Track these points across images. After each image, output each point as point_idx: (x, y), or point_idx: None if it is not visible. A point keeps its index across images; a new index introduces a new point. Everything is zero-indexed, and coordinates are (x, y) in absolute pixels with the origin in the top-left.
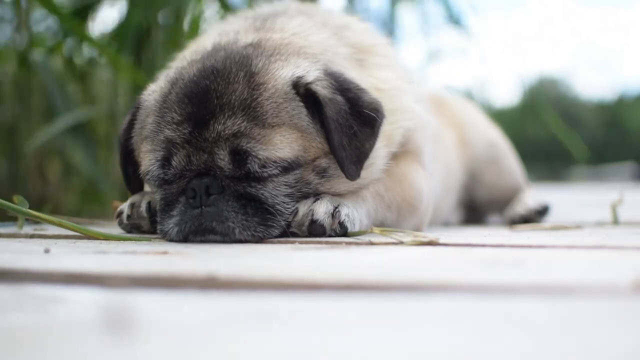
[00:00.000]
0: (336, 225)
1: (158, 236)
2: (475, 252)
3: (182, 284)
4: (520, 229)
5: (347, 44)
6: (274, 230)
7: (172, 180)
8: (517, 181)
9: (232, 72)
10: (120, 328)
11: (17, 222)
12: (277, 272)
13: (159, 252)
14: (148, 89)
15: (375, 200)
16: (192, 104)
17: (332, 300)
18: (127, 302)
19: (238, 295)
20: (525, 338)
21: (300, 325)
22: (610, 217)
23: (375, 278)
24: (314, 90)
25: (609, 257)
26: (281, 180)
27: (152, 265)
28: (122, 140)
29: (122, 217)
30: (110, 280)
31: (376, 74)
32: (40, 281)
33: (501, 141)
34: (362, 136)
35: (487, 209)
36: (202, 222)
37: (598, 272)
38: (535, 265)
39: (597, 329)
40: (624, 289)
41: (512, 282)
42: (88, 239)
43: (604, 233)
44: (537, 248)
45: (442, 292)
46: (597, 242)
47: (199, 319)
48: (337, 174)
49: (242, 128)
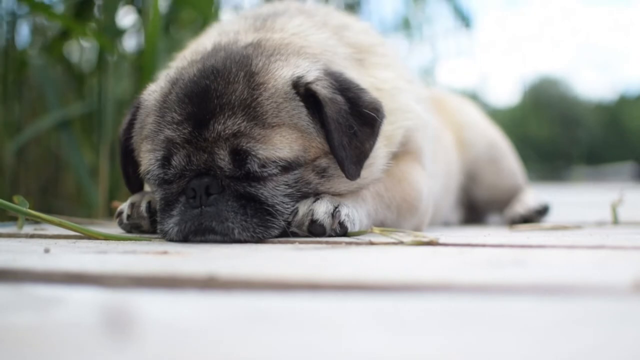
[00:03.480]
0: (336, 225)
1: (158, 236)
2: (475, 252)
3: (182, 284)
4: (520, 229)
5: (347, 43)
6: (274, 231)
7: (172, 180)
8: (517, 181)
9: (232, 72)
10: (120, 328)
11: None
12: (277, 272)
13: (159, 252)
14: (148, 89)
15: (375, 200)
16: (192, 104)
17: (332, 300)
18: (127, 302)
19: (238, 295)
20: (525, 338)
21: (300, 325)
22: (610, 217)
23: (375, 278)
24: (314, 90)
25: (609, 257)
26: (281, 180)
27: (152, 265)
28: (122, 139)
29: (122, 217)
30: (110, 280)
31: (376, 74)
32: (40, 281)
33: (501, 141)
34: (362, 136)
35: (487, 208)
36: (202, 222)
37: (598, 272)
38: (535, 265)
39: (597, 329)
40: (624, 289)
41: (512, 282)
42: (88, 238)
43: (604, 233)
44: (537, 248)
45: (442, 292)
46: (597, 242)
47: (199, 319)
48: (337, 174)
49: (242, 128)
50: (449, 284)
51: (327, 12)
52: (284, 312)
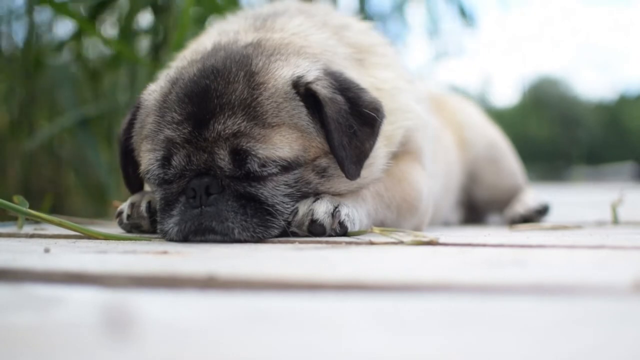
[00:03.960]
0: (336, 224)
1: (158, 236)
2: (475, 252)
3: (182, 284)
4: (520, 228)
5: (347, 43)
6: (274, 231)
7: (172, 180)
8: (517, 181)
9: (232, 72)
10: (120, 328)
11: (17, 222)
12: (277, 272)
13: (159, 251)
14: (148, 89)
15: (375, 200)
16: (192, 104)
17: (332, 300)
18: (127, 302)
19: (238, 295)
20: (525, 338)
21: (300, 325)
22: (610, 217)
23: (375, 278)
24: (314, 89)
25: (609, 257)
26: (281, 180)
27: (152, 265)
28: (122, 139)
29: (122, 217)
30: (110, 280)
31: (376, 74)
32: (40, 281)
33: (501, 141)
34: (362, 136)
35: (487, 208)
36: (202, 221)
37: (598, 272)
38: (535, 265)
39: (597, 329)
40: (624, 289)
41: (512, 282)
42: (88, 238)
43: (604, 233)
44: (537, 248)
45: (442, 292)
46: (597, 242)
47: (199, 319)
48: (337, 174)
49: (242, 128)
50: (449, 284)
51: (327, 12)
52: (284, 312)
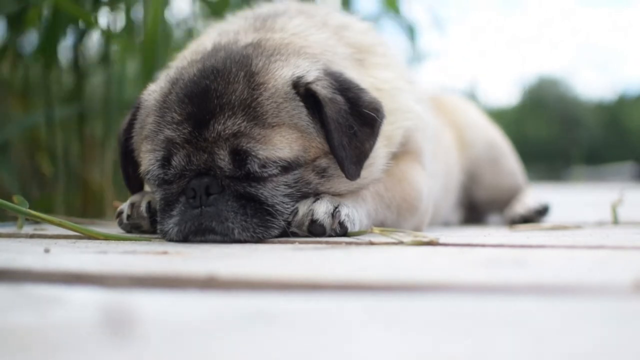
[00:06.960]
0: (336, 225)
1: (158, 236)
2: (475, 252)
3: (182, 284)
4: (520, 229)
5: (347, 43)
6: (274, 231)
7: (172, 180)
8: (516, 181)
9: (232, 72)
10: (120, 328)
11: (17, 222)
12: (277, 272)
13: (159, 252)
14: (148, 89)
15: (375, 200)
16: (192, 104)
17: (332, 300)
18: (127, 302)
19: (238, 295)
20: (525, 338)
21: (300, 326)
22: (610, 217)
23: (375, 278)
24: (314, 90)
25: (609, 257)
26: (281, 180)
27: (152, 265)
28: (122, 139)
29: (122, 217)
30: (110, 280)
31: (376, 74)
32: (40, 281)
33: (501, 141)
34: (362, 136)
35: (487, 209)
36: (202, 222)
37: (598, 272)
38: (535, 265)
39: (597, 329)
40: (624, 289)
41: (512, 282)
42: (88, 238)
43: (604, 233)
44: (537, 248)
45: (442, 292)
46: (597, 242)
47: (199, 319)
48: (337, 174)
49: (242, 128)
50: (449, 284)
51: (327, 12)
52: (284, 312)
